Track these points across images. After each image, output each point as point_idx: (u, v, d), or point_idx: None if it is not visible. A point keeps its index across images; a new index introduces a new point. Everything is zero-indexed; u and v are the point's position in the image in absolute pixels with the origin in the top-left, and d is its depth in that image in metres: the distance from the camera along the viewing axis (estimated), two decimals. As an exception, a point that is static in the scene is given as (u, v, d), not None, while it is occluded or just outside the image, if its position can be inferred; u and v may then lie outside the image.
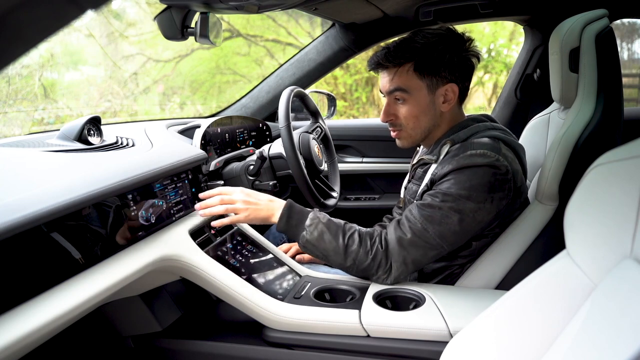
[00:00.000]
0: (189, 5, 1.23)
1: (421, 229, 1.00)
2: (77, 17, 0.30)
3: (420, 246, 1.01)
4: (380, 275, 1.04)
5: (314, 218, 1.06)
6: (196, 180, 1.20)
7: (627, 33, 4.53)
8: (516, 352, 0.59)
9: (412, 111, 1.11)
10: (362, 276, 1.08)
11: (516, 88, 1.94)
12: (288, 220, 1.07)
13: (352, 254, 1.03)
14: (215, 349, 1.04)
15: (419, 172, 1.18)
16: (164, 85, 5.16)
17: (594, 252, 0.53)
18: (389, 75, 1.11)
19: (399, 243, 1.01)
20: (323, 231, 1.04)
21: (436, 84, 1.09)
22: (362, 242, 1.04)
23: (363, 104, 5.51)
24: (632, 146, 0.52)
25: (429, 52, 1.07)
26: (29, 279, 0.71)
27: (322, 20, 1.96)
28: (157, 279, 1.05)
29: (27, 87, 3.45)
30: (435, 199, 1.01)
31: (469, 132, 1.09)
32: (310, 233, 1.04)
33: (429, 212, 1.00)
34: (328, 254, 1.04)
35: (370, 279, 1.07)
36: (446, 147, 1.08)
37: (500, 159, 1.01)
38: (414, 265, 1.03)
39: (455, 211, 0.99)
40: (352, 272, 1.07)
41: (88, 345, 1.14)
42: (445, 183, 1.02)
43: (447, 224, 0.99)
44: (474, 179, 0.99)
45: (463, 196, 0.99)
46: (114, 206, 0.91)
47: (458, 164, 1.01)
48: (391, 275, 1.03)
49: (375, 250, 1.03)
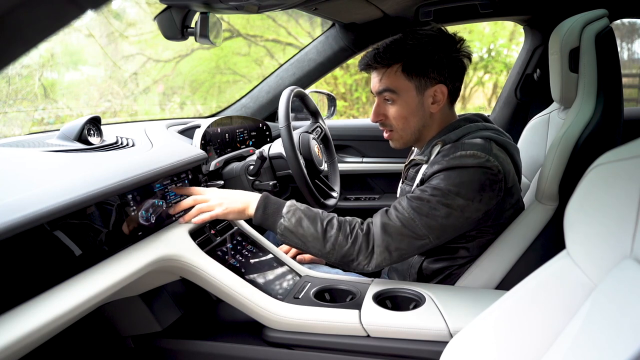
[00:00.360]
0: (189, 5, 1.23)
1: (408, 218, 1.00)
2: (77, 17, 0.30)
3: (406, 235, 1.00)
4: (360, 261, 1.01)
5: (291, 205, 1.06)
6: (196, 180, 1.20)
7: (627, 33, 4.53)
8: (516, 352, 0.59)
9: (400, 112, 1.11)
10: (343, 264, 1.04)
11: (516, 88, 1.94)
12: (265, 210, 1.06)
13: (331, 239, 1.01)
14: (215, 349, 1.04)
15: (411, 172, 1.18)
16: (164, 85, 5.16)
17: (594, 252, 0.53)
18: (378, 76, 1.11)
19: (383, 228, 1.00)
20: (301, 217, 1.03)
21: (425, 85, 1.09)
22: (342, 227, 1.03)
23: (363, 104, 5.52)
24: (632, 146, 0.52)
25: (418, 53, 1.07)
26: (29, 279, 0.71)
27: (322, 20, 1.96)
28: (157, 279, 1.05)
29: (27, 87, 3.45)
30: (425, 193, 1.01)
31: (460, 132, 1.09)
32: (288, 220, 1.03)
33: (418, 204, 1.00)
34: (306, 239, 1.02)
35: (350, 266, 1.03)
36: (437, 147, 1.08)
37: (491, 159, 1.01)
38: (398, 254, 1.01)
39: (443, 205, 0.99)
40: (332, 259, 1.03)
41: (88, 345, 1.14)
42: (434, 179, 1.02)
43: (434, 216, 0.99)
44: (464, 177, 1.00)
45: (452, 192, 0.99)
46: (114, 206, 0.91)
47: (448, 164, 1.01)
48: (372, 260, 1.01)
49: (355, 234, 1.01)
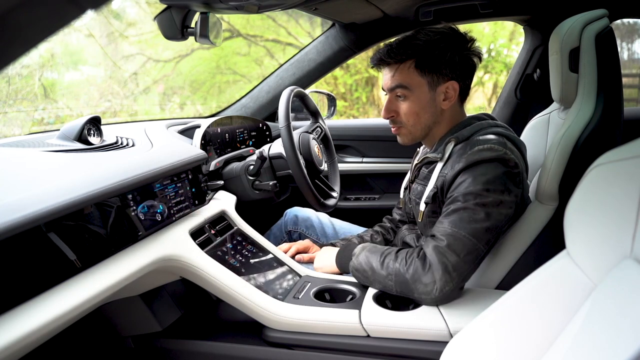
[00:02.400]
0: (189, 5, 1.23)
1: (454, 233, 0.98)
2: (77, 17, 0.30)
3: (458, 250, 0.97)
4: (422, 289, 0.97)
5: (362, 246, 1.14)
6: (196, 180, 1.20)
7: (627, 33, 4.53)
8: (516, 352, 0.59)
9: (412, 108, 1.11)
10: (406, 292, 1.00)
11: (516, 88, 1.94)
12: (342, 254, 1.21)
13: (389, 268, 1.02)
14: (215, 349, 1.04)
15: (423, 171, 1.17)
16: (164, 85, 5.16)
17: (594, 252, 0.53)
18: (390, 72, 1.11)
19: (436, 250, 0.98)
20: (366, 255, 1.09)
21: (437, 81, 1.09)
22: (398, 256, 1.04)
23: (363, 104, 5.51)
24: (632, 146, 0.52)
25: (431, 49, 1.07)
26: (29, 279, 0.71)
27: (322, 20, 1.96)
28: (157, 279, 1.05)
29: (27, 87, 3.45)
30: (458, 203, 1.00)
31: (472, 129, 1.09)
32: (355, 258, 1.11)
33: (457, 216, 0.99)
34: (367, 273, 1.07)
35: (414, 294, 0.99)
36: (450, 145, 1.08)
37: (508, 153, 1.01)
38: (458, 274, 0.97)
39: (479, 206, 0.98)
40: (393, 289, 1.02)
41: (88, 345, 1.14)
42: (461, 185, 1.01)
43: (476, 221, 0.98)
44: (488, 173, 0.99)
45: (483, 190, 0.98)
46: (114, 206, 0.91)
47: (467, 161, 1.01)
48: (436, 286, 0.96)
49: (411, 260, 1.00)
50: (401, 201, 1.35)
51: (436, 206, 1.09)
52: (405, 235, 1.28)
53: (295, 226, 1.56)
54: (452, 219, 0.99)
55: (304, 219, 1.56)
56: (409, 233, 1.28)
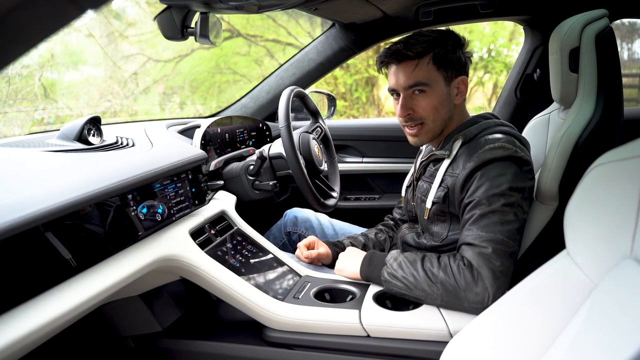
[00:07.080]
0: (189, 5, 1.23)
1: (493, 238, 0.96)
2: (77, 17, 0.30)
3: (501, 254, 0.95)
4: (474, 300, 0.94)
5: (394, 254, 1.07)
6: (196, 180, 1.20)
7: (627, 33, 4.53)
8: (516, 352, 0.59)
9: (431, 103, 1.10)
10: (453, 300, 0.96)
11: (516, 88, 1.94)
12: (370, 263, 1.10)
13: (433, 277, 0.98)
14: (215, 349, 1.04)
15: (430, 169, 1.17)
16: (164, 85, 5.16)
17: (594, 252, 0.53)
18: (409, 68, 1.09)
19: (482, 257, 0.95)
20: (402, 261, 1.03)
21: (451, 76, 1.10)
22: (441, 263, 0.99)
23: (363, 104, 5.52)
24: (632, 146, 0.52)
25: (444, 44, 1.09)
26: (29, 279, 0.71)
27: (322, 20, 1.96)
28: (157, 279, 1.05)
29: (27, 87, 3.45)
30: (482, 207, 0.99)
31: (479, 128, 1.10)
32: (390, 266, 1.04)
33: (487, 220, 0.97)
34: (409, 281, 1.00)
35: (463, 305, 0.95)
36: (458, 142, 1.08)
37: (518, 151, 1.02)
38: (506, 278, 0.95)
39: (508, 207, 0.98)
40: (438, 300, 0.98)
41: (88, 345, 1.14)
42: (481, 188, 1.00)
43: (508, 222, 0.97)
44: (504, 171, 0.99)
45: (507, 190, 0.98)
46: (114, 206, 0.91)
47: (479, 159, 1.01)
48: (488, 293, 0.93)
49: (457, 266, 0.97)
50: (402, 199, 1.34)
51: (445, 206, 1.09)
52: (406, 234, 1.28)
53: (294, 227, 1.56)
54: (484, 224, 0.97)
55: (304, 220, 1.56)
56: (409, 232, 1.28)
